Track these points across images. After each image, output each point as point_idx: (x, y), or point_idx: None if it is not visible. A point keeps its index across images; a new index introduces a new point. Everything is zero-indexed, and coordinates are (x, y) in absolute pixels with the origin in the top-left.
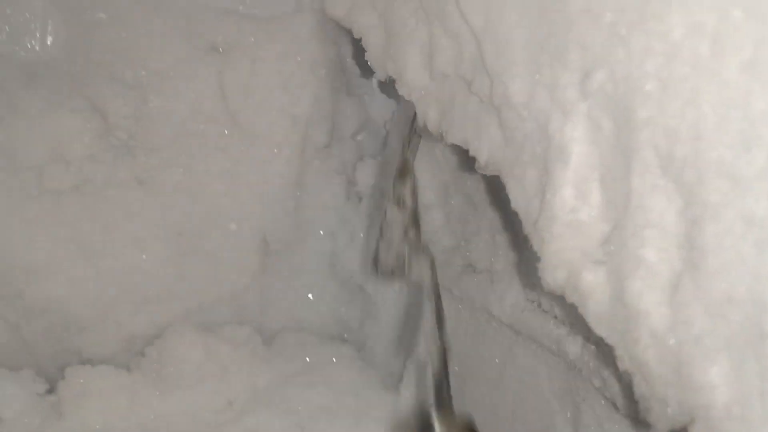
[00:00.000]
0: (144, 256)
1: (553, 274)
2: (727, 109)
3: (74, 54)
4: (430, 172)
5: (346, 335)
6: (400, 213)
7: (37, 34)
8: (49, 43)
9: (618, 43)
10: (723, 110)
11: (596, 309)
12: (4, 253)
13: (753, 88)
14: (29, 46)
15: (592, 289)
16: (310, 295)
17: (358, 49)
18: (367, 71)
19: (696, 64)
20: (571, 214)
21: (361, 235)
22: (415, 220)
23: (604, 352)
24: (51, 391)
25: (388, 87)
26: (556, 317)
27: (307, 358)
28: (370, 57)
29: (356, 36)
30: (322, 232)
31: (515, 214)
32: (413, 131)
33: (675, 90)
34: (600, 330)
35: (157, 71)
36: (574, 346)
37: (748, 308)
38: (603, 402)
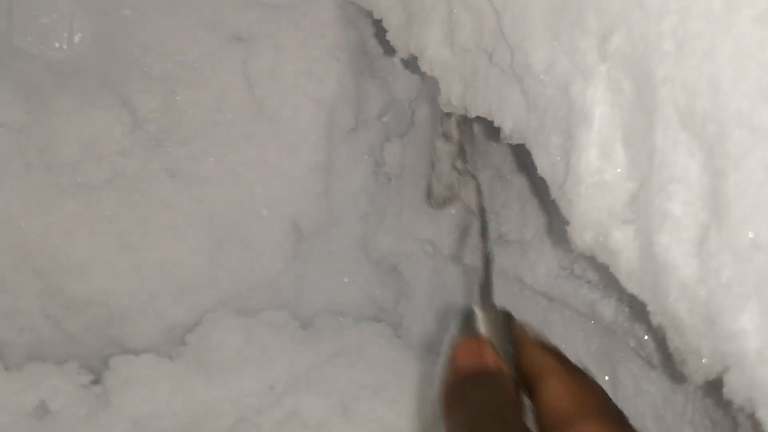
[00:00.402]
0: (179, 246)
1: (582, 235)
2: (742, 61)
3: (102, 51)
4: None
5: (381, 315)
6: (447, 146)
7: (65, 34)
8: (76, 42)
9: (634, 4)
10: (739, 62)
11: (627, 267)
12: (44, 250)
13: (767, 38)
14: (57, 46)
15: (622, 247)
16: (344, 279)
17: (380, 30)
18: (389, 51)
19: (710, 19)
20: (596, 175)
21: (392, 215)
22: (462, 151)
23: (637, 311)
24: (96, 382)
25: (412, 64)
26: (589, 282)
27: (345, 339)
28: (392, 36)
29: (376, 17)
30: (353, 215)
31: (543, 181)
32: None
33: (691, 46)
34: (632, 287)
35: (183, 64)
36: (608, 309)
37: None
38: (639, 362)
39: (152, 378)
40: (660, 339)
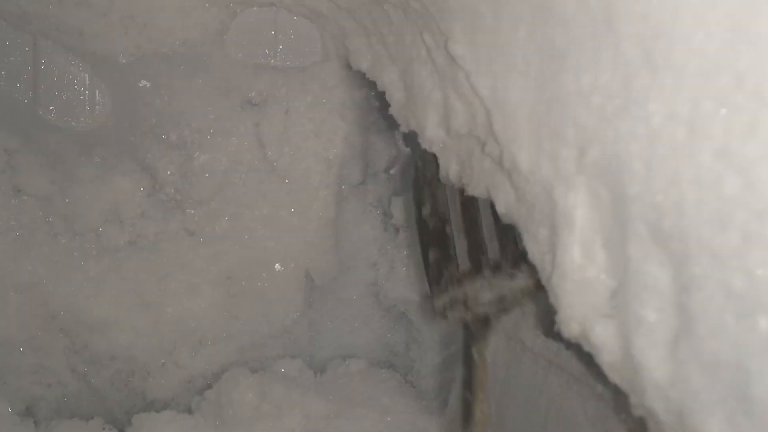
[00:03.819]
0: (198, 302)
1: (568, 326)
2: (703, 190)
3: (122, 120)
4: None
5: (393, 359)
6: None
7: (87, 106)
8: (97, 112)
9: (606, 125)
10: (700, 191)
11: (609, 359)
12: (71, 310)
13: (725, 172)
14: (80, 117)
15: (604, 341)
16: (356, 325)
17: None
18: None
19: (675, 148)
20: (579, 272)
21: (401, 264)
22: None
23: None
24: None
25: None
26: (581, 351)
27: (357, 388)
28: (394, 111)
29: (379, 89)
30: (363, 264)
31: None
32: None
33: (658, 170)
34: (614, 378)
35: (198, 129)
36: (598, 380)
37: (734, 372)
38: None
39: None
40: (643, 425)
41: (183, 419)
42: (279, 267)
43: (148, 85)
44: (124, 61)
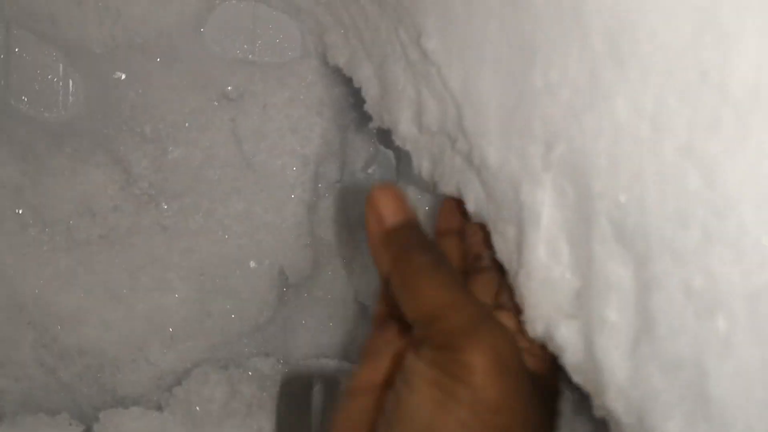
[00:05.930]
0: (170, 297)
1: (533, 326)
2: (666, 186)
3: (96, 112)
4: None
5: None
6: None
7: (60, 96)
8: (71, 103)
9: (573, 120)
10: (663, 187)
11: (572, 360)
12: (38, 303)
13: (687, 168)
14: (53, 107)
15: (567, 341)
16: (331, 324)
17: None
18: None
19: (639, 144)
20: (545, 272)
21: None
22: None
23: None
24: None
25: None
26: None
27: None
28: (369, 107)
29: (356, 86)
30: (338, 261)
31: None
32: None
33: (622, 166)
34: (577, 379)
35: (173, 123)
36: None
37: (693, 372)
38: None
39: (141, 430)
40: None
41: (152, 416)
42: (253, 264)
43: (122, 77)
44: (98, 51)
